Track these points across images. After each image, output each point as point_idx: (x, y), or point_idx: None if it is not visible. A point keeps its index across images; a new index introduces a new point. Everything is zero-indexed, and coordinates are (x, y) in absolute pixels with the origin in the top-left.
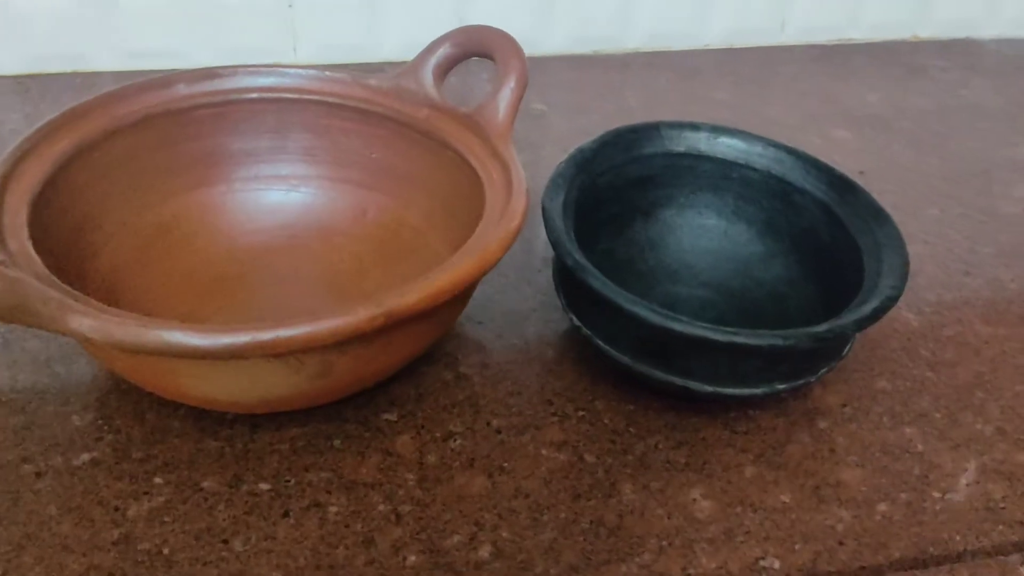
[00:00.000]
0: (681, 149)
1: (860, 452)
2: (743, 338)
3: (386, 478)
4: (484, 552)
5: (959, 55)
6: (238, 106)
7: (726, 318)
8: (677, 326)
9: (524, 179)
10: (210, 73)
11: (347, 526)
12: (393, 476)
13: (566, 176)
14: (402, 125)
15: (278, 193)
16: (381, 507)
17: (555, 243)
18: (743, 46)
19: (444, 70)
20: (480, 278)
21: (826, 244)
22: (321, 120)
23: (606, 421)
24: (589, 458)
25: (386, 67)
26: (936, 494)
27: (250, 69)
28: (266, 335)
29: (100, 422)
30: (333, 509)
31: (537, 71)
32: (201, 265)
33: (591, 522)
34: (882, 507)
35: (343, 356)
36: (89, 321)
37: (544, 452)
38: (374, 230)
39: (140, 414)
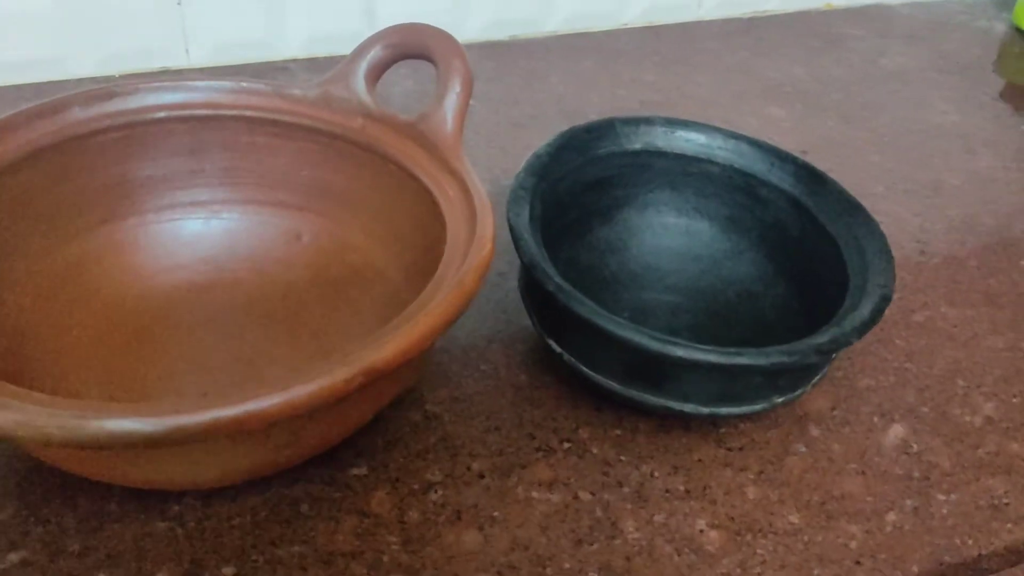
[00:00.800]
0: (638, 146)
1: (858, 459)
2: (747, 358)
3: (366, 544)
4: None
5: (873, 22)
6: (144, 128)
7: (699, 323)
8: (678, 351)
9: (485, 196)
10: (107, 92)
11: None
12: (373, 541)
13: (527, 186)
14: (335, 138)
15: (197, 222)
16: None
17: (531, 266)
18: (662, 23)
19: (377, 75)
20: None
21: (795, 238)
22: (241, 137)
23: (594, 451)
24: (584, 496)
25: (290, 65)
26: (940, 496)
27: (154, 85)
28: (230, 411)
29: (25, 513)
30: None
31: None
32: (117, 313)
33: (598, 569)
34: (891, 517)
35: (312, 421)
36: (14, 416)
37: (535, 495)
38: (312, 256)
39: (70, 499)
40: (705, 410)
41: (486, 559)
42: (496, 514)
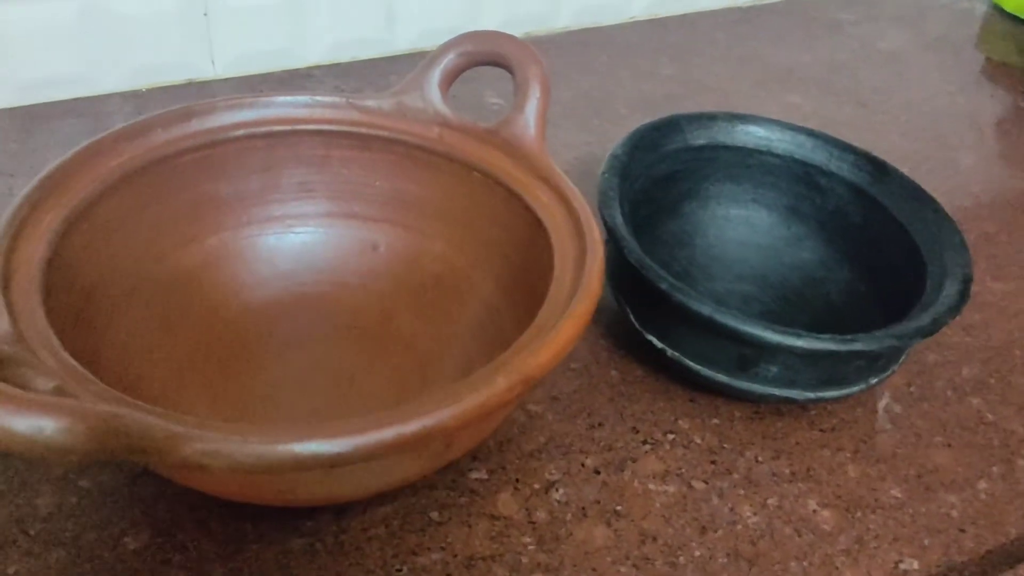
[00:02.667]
0: (702, 141)
1: (942, 432)
2: (862, 344)
3: (503, 547)
4: None
5: (861, 5)
6: (223, 147)
7: (771, 310)
8: (799, 342)
9: (583, 200)
10: (186, 112)
11: None
12: (509, 543)
13: (613, 187)
14: (411, 148)
15: (272, 238)
16: None
17: (640, 266)
18: (667, 15)
19: (449, 83)
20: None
21: (858, 225)
22: (316, 151)
23: (698, 440)
24: (698, 485)
25: (314, 71)
26: (1021, 462)
27: (231, 103)
28: (412, 426)
29: (160, 540)
30: None
31: None
32: (209, 333)
33: (728, 555)
34: (982, 484)
35: (466, 430)
36: (203, 446)
37: (651, 487)
38: (390, 265)
39: (203, 522)
40: (811, 395)
41: (620, 553)
42: (619, 508)
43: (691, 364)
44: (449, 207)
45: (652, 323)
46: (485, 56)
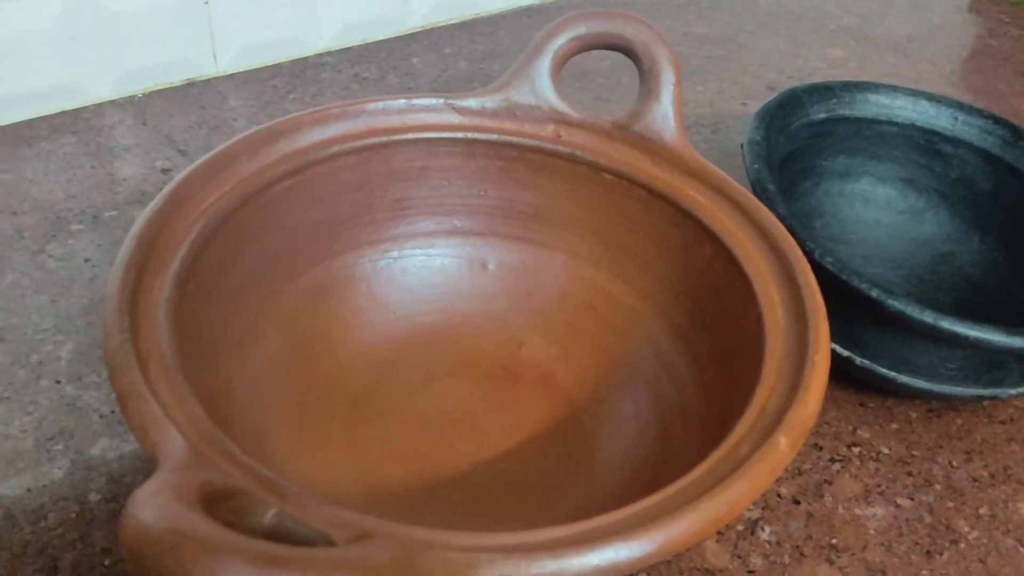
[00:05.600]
0: (822, 115)
1: None
2: None
3: None
4: None
5: None
6: (315, 168)
7: (912, 292)
8: (1021, 341)
9: (759, 203)
10: (272, 134)
11: None
12: None
13: (767, 176)
14: (525, 150)
15: (368, 265)
16: None
17: (839, 272)
18: None
19: (559, 71)
20: None
21: (988, 192)
22: (414, 163)
23: (885, 451)
24: (903, 503)
25: (326, 59)
26: None
27: (317, 116)
28: (718, 505)
29: None
30: None
31: (484, 37)
32: (327, 385)
33: None
34: None
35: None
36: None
37: (858, 511)
38: (503, 284)
39: None
40: (1014, 391)
41: None
42: (834, 541)
43: (885, 372)
44: (573, 213)
45: (839, 331)
46: (603, 39)
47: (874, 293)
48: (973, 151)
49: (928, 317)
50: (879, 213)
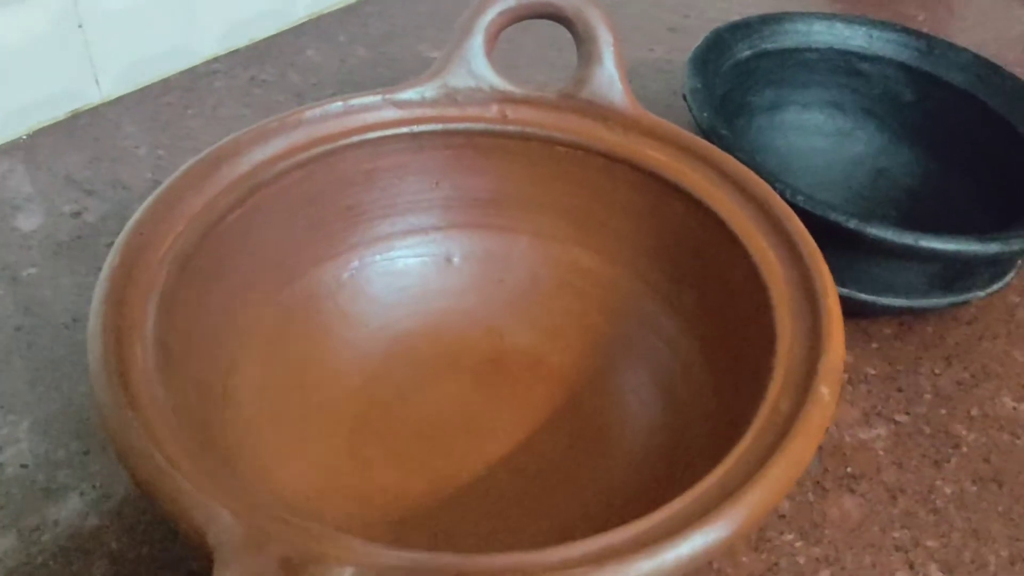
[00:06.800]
0: (747, 53)
1: None
2: None
3: (771, 556)
4: None
5: None
6: (264, 190)
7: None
8: (995, 246)
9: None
10: (214, 162)
11: None
12: (776, 548)
13: (720, 123)
14: (472, 135)
15: (331, 280)
16: None
17: (812, 209)
18: None
19: (492, 46)
20: None
21: (911, 103)
22: (361, 166)
23: (872, 372)
24: (901, 419)
25: (215, 66)
26: None
27: (252, 136)
28: (787, 466)
29: None
30: None
31: (375, 19)
32: (325, 409)
33: (974, 481)
34: None
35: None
36: None
37: (863, 436)
38: (471, 278)
39: None
40: (983, 293)
41: (883, 518)
42: (850, 470)
43: (863, 296)
44: (531, 193)
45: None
46: (532, 9)
47: (852, 224)
48: (892, 65)
49: (908, 239)
50: (811, 139)
